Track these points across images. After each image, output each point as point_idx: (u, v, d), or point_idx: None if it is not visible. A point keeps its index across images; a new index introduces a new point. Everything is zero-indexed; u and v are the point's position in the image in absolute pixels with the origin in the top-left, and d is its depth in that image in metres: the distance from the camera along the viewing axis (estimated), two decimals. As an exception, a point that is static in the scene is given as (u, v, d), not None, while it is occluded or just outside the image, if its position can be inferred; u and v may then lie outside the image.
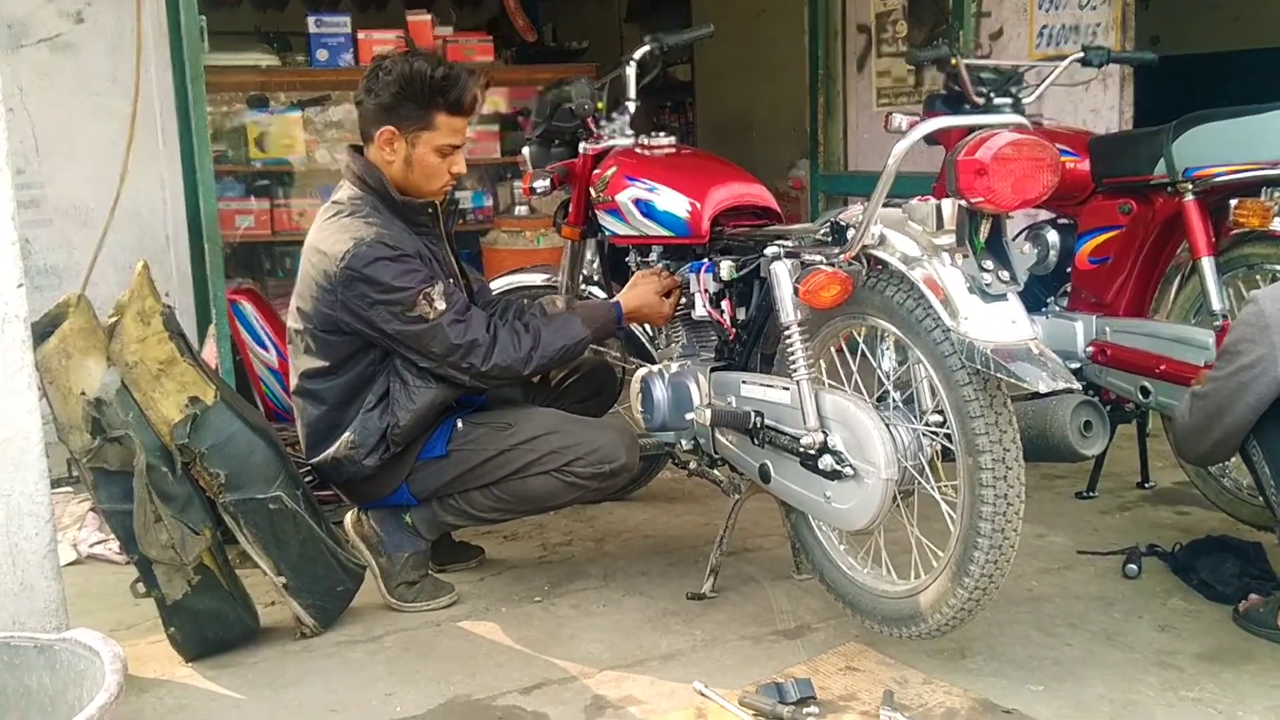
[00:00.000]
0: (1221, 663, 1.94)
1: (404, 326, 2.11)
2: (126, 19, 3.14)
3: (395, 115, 2.19)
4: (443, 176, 2.24)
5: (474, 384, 2.18)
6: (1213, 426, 1.91)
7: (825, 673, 1.92)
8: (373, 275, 2.09)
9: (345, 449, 2.20)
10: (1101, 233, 2.58)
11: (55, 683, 1.50)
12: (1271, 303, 1.84)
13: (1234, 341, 1.87)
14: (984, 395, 1.73)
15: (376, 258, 2.09)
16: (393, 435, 2.18)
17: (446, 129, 2.20)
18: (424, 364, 2.15)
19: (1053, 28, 3.78)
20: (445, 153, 2.21)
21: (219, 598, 2.04)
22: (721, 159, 2.49)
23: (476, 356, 2.13)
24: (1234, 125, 2.33)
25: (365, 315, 2.12)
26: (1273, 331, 1.81)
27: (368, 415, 2.19)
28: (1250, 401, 1.84)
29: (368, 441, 2.19)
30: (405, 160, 2.21)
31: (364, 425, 2.19)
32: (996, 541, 1.74)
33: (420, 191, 2.24)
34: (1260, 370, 1.82)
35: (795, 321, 1.96)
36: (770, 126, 5.34)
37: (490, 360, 2.13)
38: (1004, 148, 1.70)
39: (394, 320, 2.11)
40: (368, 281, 2.09)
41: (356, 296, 2.11)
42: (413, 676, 1.99)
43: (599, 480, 2.19)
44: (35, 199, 3.32)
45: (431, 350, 2.13)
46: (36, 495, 1.82)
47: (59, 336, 1.92)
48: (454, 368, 2.14)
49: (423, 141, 2.19)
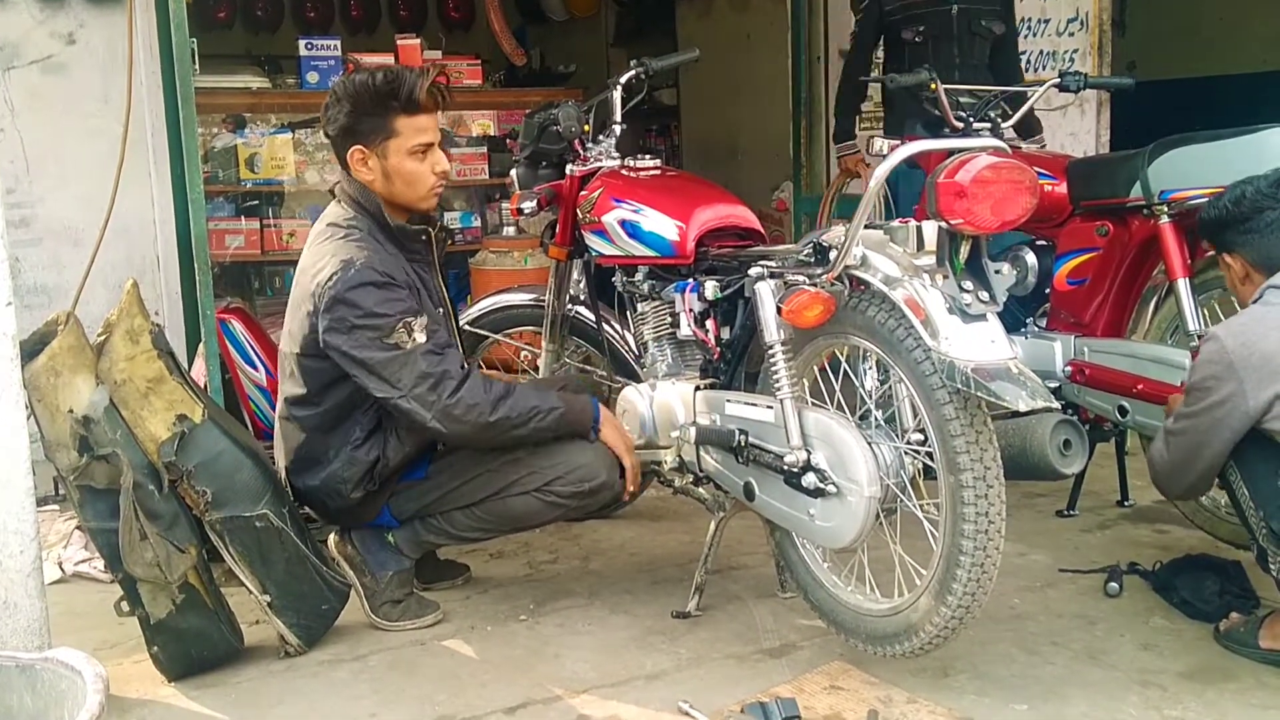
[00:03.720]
0: (1204, 681, 1.96)
1: (378, 353, 2.07)
2: (118, 41, 3.15)
3: (357, 134, 2.18)
4: (427, 179, 2.21)
5: (435, 424, 2.08)
6: (1193, 463, 1.93)
7: (810, 692, 1.93)
8: (355, 300, 2.07)
9: (332, 482, 2.20)
10: (1079, 254, 2.62)
11: (37, 702, 1.49)
12: (1232, 338, 1.87)
13: (1201, 379, 1.89)
14: (965, 414, 1.75)
15: (362, 282, 2.08)
16: (380, 472, 2.19)
17: (410, 130, 2.17)
18: (387, 394, 2.09)
19: (1031, 53, 3.85)
20: (419, 154, 2.19)
21: (203, 616, 2.03)
22: (706, 181, 2.53)
23: (445, 389, 2.07)
24: (1209, 149, 2.37)
25: (342, 338, 2.09)
26: (1238, 368, 1.83)
27: (355, 451, 2.19)
28: (1226, 436, 1.87)
29: (353, 476, 2.19)
30: (384, 174, 2.20)
31: (351, 460, 2.19)
32: (979, 559, 1.76)
33: (410, 202, 2.23)
34: (1232, 406, 1.85)
35: (779, 341, 1.98)
36: (754, 149, 5.39)
37: (458, 395, 2.07)
38: (983, 170, 1.74)
39: (369, 346, 2.07)
40: (349, 305, 2.08)
41: (337, 320, 2.08)
42: (397, 696, 1.99)
43: (579, 499, 2.20)
44: (25, 218, 3.32)
45: (400, 379, 2.07)
46: (22, 513, 1.82)
47: (48, 355, 1.92)
48: (419, 401, 2.07)
49: (392, 150, 2.18)
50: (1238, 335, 1.87)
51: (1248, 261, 2.01)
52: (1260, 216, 1.97)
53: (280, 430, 2.29)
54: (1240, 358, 1.84)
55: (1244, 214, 1.99)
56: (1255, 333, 1.86)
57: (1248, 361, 1.83)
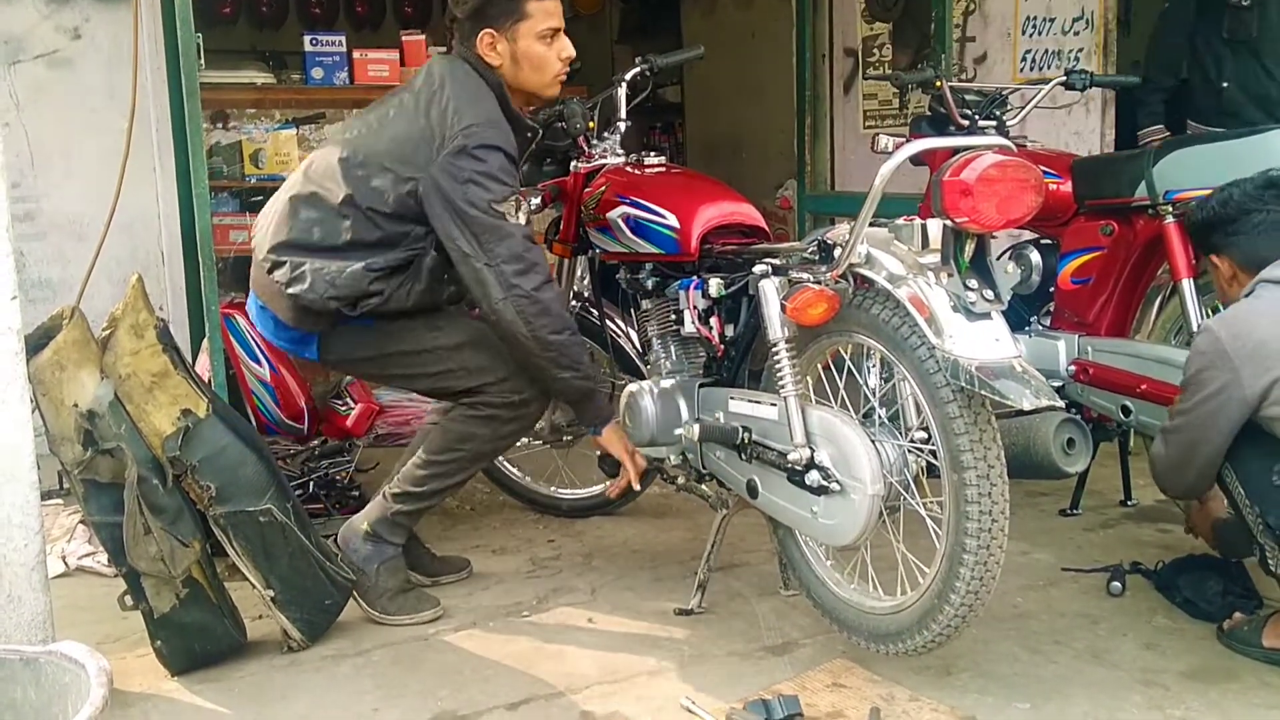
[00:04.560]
0: (1206, 681, 1.95)
1: (483, 215, 2.07)
2: (123, 36, 3.16)
3: (488, 17, 2.20)
4: (554, 64, 2.23)
5: (500, 305, 2.07)
6: (1192, 459, 1.93)
7: (812, 689, 1.93)
8: (485, 157, 2.09)
9: (324, 274, 2.12)
10: (1084, 254, 2.61)
11: (40, 696, 1.49)
12: (1225, 328, 1.87)
13: (1196, 372, 1.90)
14: (968, 412, 1.75)
15: (497, 145, 2.10)
16: (369, 303, 2.14)
17: (540, 13, 2.20)
18: (473, 255, 2.07)
19: (1036, 52, 3.85)
20: (546, 38, 2.21)
21: (207, 611, 2.04)
22: (711, 178, 2.52)
23: (532, 280, 2.08)
24: (1214, 149, 2.37)
25: (453, 185, 2.06)
26: (1232, 356, 1.83)
27: (369, 271, 2.12)
28: (1223, 428, 1.87)
29: (346, 287, 2.12)
30: (512, 59, 2.21)
31: (357, 275, 2.12)
32: (982, 558, 1.76)
33: (536, 88, 2.24)
34: (1227, 396, 1.85)
35: (783, 338, 1.98)
36: (758, 147, 5.39)
37: (540, 293, 2.08)
38: (988, 169, 1.73)
39: (477, 205, 2.07)
40: (476, 159, 2.08)
41: (457, 167, 2.07)
42: (400, 691, 1.99)
43: (510, 411, 2.21)
44: (30, 212, 3.33)
45: (493, 248, 2.07)
46: (26, 507, 1.82)
47: (53, 349, 1.93)
48: (500, 276, 2.07)
49: (522, 33, 2.20)
50: (1230, 325, 1.88)
51: (1235, 263, 2.01)
52: (1247, 219, 1.97)
53: (291, 210, 2.19)
54: (1234, 347, 1.84)
55: (1231, 216, 1.99)
56: (1248, 322, 1.87)
57: (1241, 350, 1.83)
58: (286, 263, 2.17)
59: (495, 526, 2.88)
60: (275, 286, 2.19)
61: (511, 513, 2.96)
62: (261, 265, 2.21)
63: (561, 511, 2.92)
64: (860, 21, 4.48)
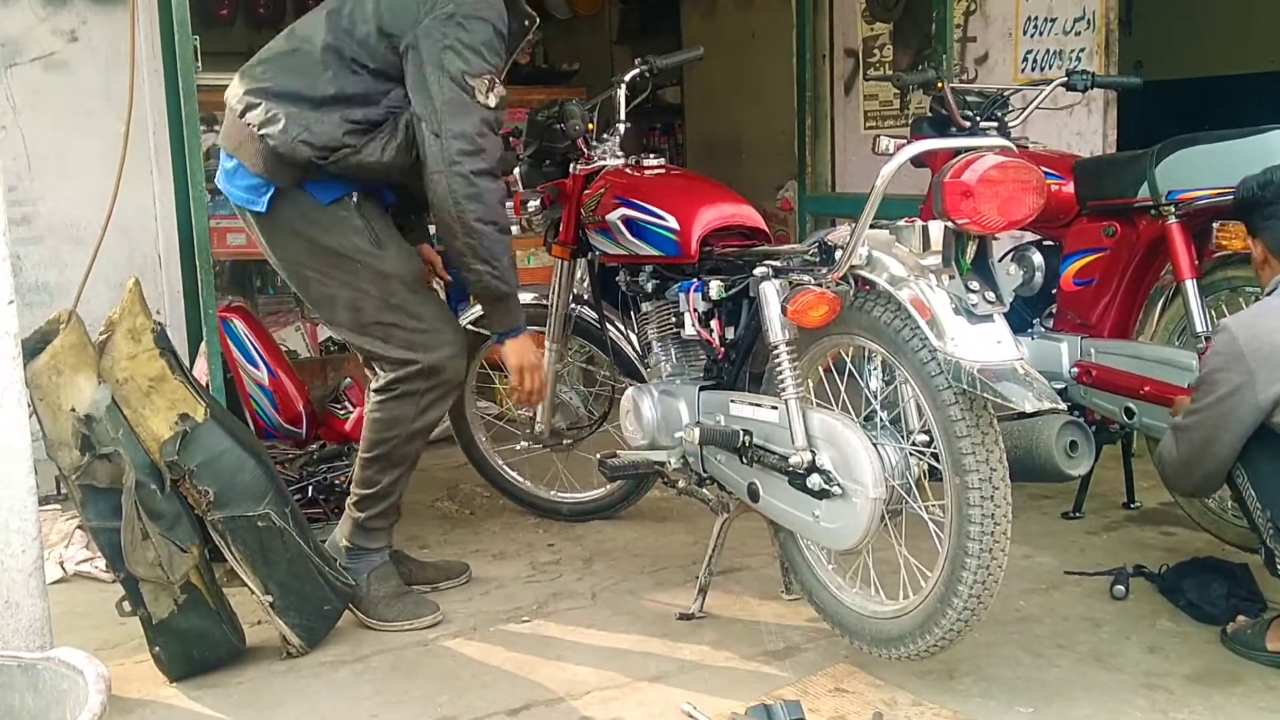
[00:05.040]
0: (1210, 685, 1.94)
1: (452, 85, 2.04)
2: (120, 38, 3.15)
3: None
4: None
5: (433, 175, 2.04)
6: (1202, 459, 1.92)
7: (814, 694, 1.92)
8: (469, 26, 2.05)
9: (301, 121, 2.09)
10: (1086, 255, 2.61)
11: (38, 702, 1.48)
12: (1242, 329, 1.86)
13: (1210, 371, 1.88)
14: (970, 415, 1.74)
15: (486, 18, 2.07)
16: (342, 154, 2.10)
17: None
18: (426, 119, 2.04)
19: (1037, 52, 3.84)
20: None
21: (205, 616, 2.03)
22: (710, 180, 2.51)
23: (473, 164, 2.04)
24: (1217, 149, 2.36)
25: (433, 48, 2.03)
26: (1248, 358, 1.82)
27: (346, 123, 2.09)
28: (1236, 430, 1.85)
29: (322, 134, 2.08)
30: None
31: (334, 123, 2.09)
32: (984, 561, 1.75)
33: None
34: (1240, 398, 1.83)
35: (783, 341, 1.97)
36: (759, 148, 5.38)
37: (479, 179, 2.04)
38: (990, 170, 1.73)
39: (446, 74, 2.04)
40: (461, 28, 2.05)
41: (441, 31, 2.04)
42: (399, 697, 1.98)
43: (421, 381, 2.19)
44: (27, 216, 3.32)
45: (446, 119, 2.03)
46: (24, 512, 1.82)
47: (50, 353, 1.92)
48: (442, 149, 2.03)
49: None
50: (1248, 326, 1.86)
51: (1267, 247, 1.99)
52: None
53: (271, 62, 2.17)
54: (1251, 349, 1.82)
55: (1269, 199, 1.98)
56: (1267, 324, 1.85)
57: (1258, 353, 1.81)
58: (261, 104, 2.13)
59: (495, 531, 2.87)
60: (247, 130, 2.13)
61: (511, 517, 2.96)
62: (234, 110, 2.16)
63: (561, 515, 2.91)
64: (861, 22, 4.47)
